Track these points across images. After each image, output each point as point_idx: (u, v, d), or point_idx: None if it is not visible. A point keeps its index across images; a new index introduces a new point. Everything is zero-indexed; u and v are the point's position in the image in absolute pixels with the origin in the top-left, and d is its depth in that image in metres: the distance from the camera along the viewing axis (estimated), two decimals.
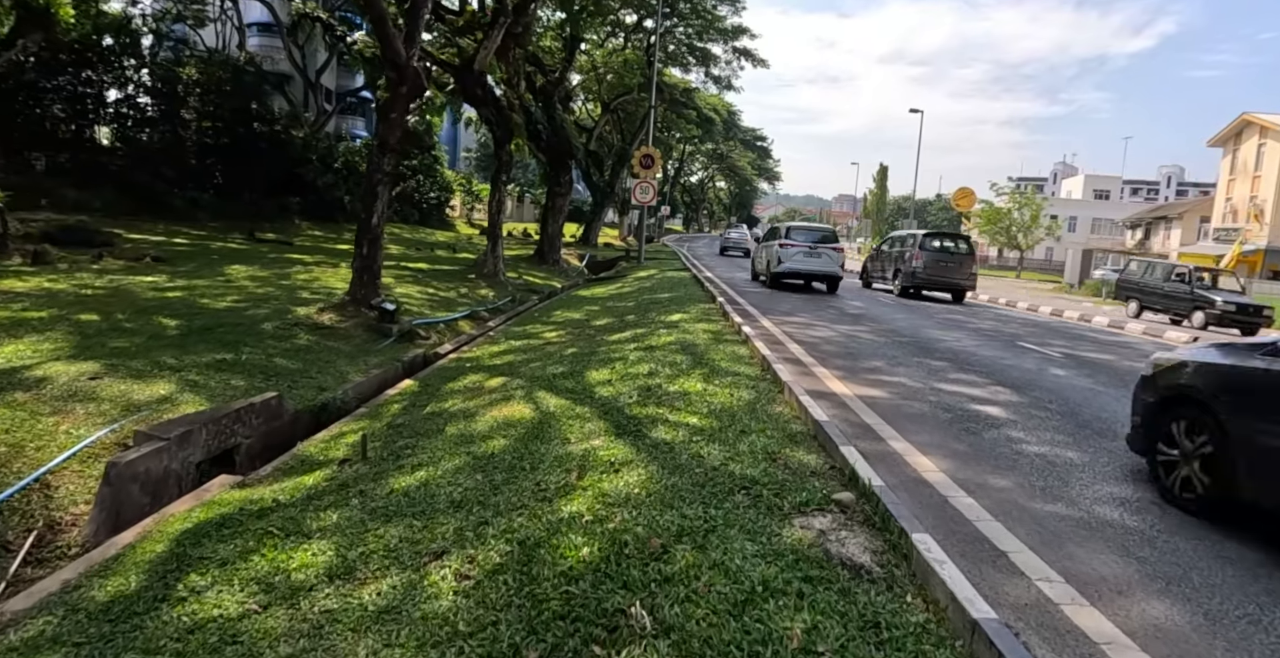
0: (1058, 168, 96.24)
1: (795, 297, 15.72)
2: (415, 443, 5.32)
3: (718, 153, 67.12)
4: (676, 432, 4.78)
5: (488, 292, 15.81)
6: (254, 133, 27.44)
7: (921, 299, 17.71)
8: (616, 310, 12.41)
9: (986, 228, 46.91)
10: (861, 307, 14.54)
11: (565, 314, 12.97)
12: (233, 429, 6.07)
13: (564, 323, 11.83)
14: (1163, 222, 45.94)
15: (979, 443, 5.02)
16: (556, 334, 10.59)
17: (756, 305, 12.89)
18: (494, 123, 15.75)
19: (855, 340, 9.53)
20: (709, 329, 9.29)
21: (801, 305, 13.73)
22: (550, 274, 21.91)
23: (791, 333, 9.69)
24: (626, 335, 9.36)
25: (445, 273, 17.58)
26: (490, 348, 10.10)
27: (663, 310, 11.53)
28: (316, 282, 13.98)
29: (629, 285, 17.75)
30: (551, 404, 5.86)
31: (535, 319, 12.94)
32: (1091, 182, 59.60)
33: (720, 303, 11.85)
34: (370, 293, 10.70)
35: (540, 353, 9.06)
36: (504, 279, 17.47)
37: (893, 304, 15.95)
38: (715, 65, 35.17)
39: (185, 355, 7.96)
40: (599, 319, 11.67)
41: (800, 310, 12.77)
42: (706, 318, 10.44)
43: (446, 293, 14.75)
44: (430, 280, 15.81)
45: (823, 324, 11.01)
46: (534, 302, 16.25)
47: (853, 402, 5.87)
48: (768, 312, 11.99)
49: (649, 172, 22.13)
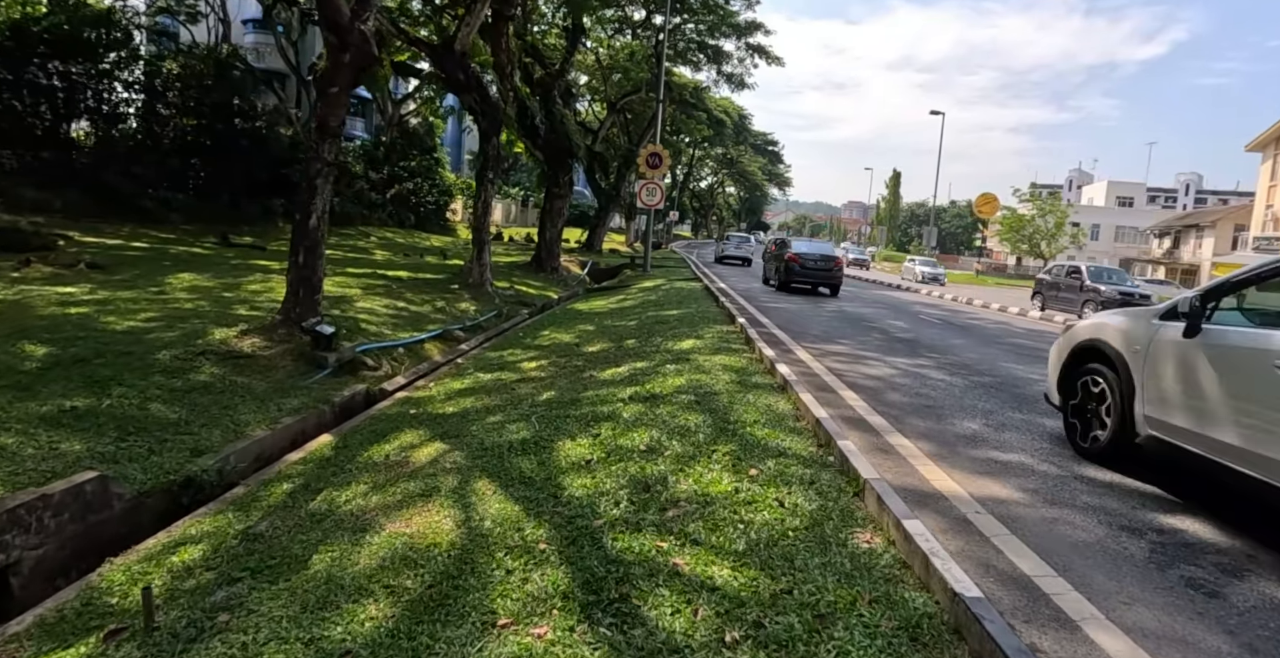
0: (1073, 174, 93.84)
1: (826, 313, 13.46)
2: (243, 598, 3.06)
3: (727, 157, 64.91)
4: (693, 613, 2.53)
5: (469, 305, 13.60)
6: (235, 130, 25.36)
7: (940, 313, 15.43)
8: (614, 332, 10.16)
9: (1008, 235, 44.53)
10: (908, 330, 12.24)
11: (554, 335, 10.73)
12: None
13: (549, 348, 9.59)
14: (1194, 230, 43.39)
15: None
16: (536, 365, 8.35)
17: (784, 326, 10.62)
18: (479, 113, 13.59)
19: (925, 383, 7.24)
20: (731, 365, 7.02)
21: (839, 327, 11.45)
22: (547, 283, 19.70)
23: (840, 371, 7.40)
24: (623, 372, 7.11)
25: (426, 282, 15.38)
26: (450, 384, 7.86)
27: (670, 334, 9.28)
28: (266, 294, 11.78)
29: (632, 298, 15.52)
30: (490, 514, 3.60)
31: (518, 341, 10.71)
32: (1115, 188, 56.91)
33: (741, 325, 9.58)
34: (308, 311, 8.50)
35: (507, 396, 6.82)
36: (491, 290, 15.26)
37: (940, 324, 13.65)
38: (727, 62, 32.99)
39: (22, 401, 5.77)
40: (592, 344, 9.42)
41: (839, 334, 10.48)
42: (726, 346, 8.19)
43: (420, 307, 12.54)
44: (405, 291, 13.62)
45: (873, 356, 8.71)
46: (523, 317, 14.02)
47: (977, 515, 3.58)
48: (800, 336, 9.71)
49: (656, 172, 19.91)
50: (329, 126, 8.40)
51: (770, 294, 17.33)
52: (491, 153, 14.11)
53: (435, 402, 7.01)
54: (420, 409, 6.73)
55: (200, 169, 25.51)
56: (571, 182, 20.13)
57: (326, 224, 8.74)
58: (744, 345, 8.33)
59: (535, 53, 20.98)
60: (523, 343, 10.32)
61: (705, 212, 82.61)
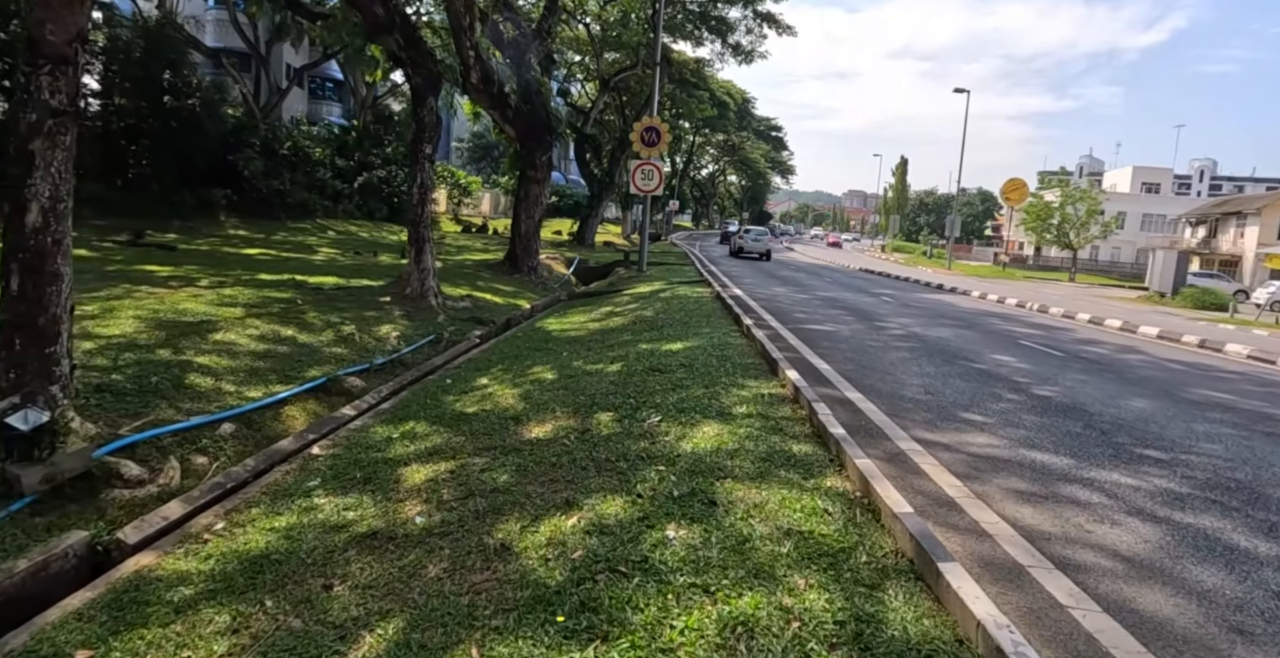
0: (1084, 161, 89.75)
1: (897, 344, 9.56)
2: None
3: (729, 144, 60.62)
4: None
5: (396, 327, 9.68)
6: (164, 108, 21.29)
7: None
8: (583, 390, 6.22)
9: (1034, 224, 40.43)
10: (1046, 380, 8.31)
11: (492, 389, 6.79)
12: None
13: (472, 422, 5.65)
14: (1234, 218, 39.25)
15: None
16: (424, 479, 4.43)
17: (857, 377, 6.69)
18: (406, 63, 9.65)
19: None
20: (814, 538, 3.11)
21: (941, 377, 7.53)
22: (521, 287, 15.74)
23: (1067, 557, 3.47)
24: (574, 537, 3.21)
25: (351, 294, 11.46)
26: (248, 534, 3.95)
27: (674, 402, 5.35)
28: (88, 328, 7.85)
29: (621, 312, 11.61)
30: None
31: (436, 399, 6.77)
32: (1140, 174, 52.49)
33: (792, 383, 5.65)
34: (27, 377, 4.60)
35: (314, 612, 2.90)
36: (436, 302, 11.34)
37: (1078, 365, 9.70)
38: (733, 34, 28.82)
39: None
40: (542, 417, 5.50)
41: (959, 399, 6.51)
42: (779, 449, 4.27)
43: (317, 336, 8.63)
44: (311, 310, 9.70)
45: (1066, 469, 4.78)
46: (471, 342, 10.10)
47: None
48: (897, 405, 5.77)
49: (653, 150, 15.90)
50: (46, 43, 4.46)
51: (801, 304, 13.42)
52: (427, 119, 10.13)
53: (205, 577, 3.13)
54: (147, 608, 2.84)
55: (130, 156, 21.50)
56: (550, 163, 16.10)
57: (65, 221, 4.80)
58: (812, 442, 4.40)
59: (508, 8, 16.91)
60: (440, 405, 6.39)
61: (706, 201, 78.29)
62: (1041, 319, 14.69)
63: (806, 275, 22.33)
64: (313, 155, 26.46)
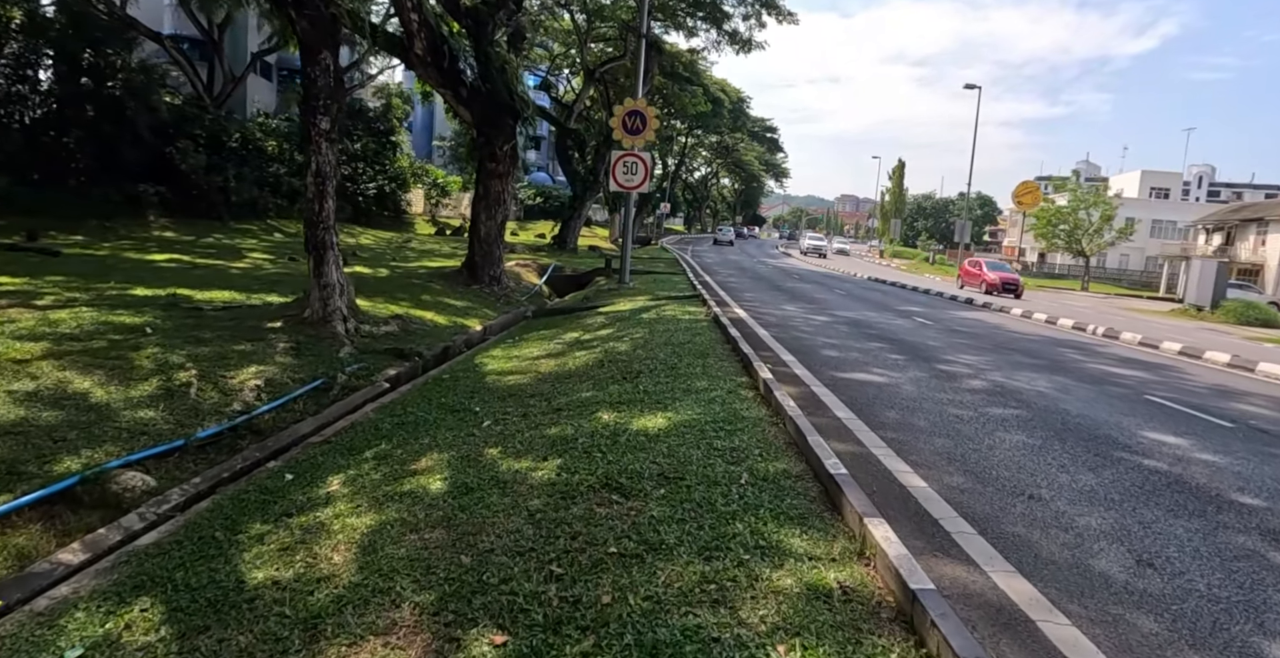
0: (1080, 166, 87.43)
1: (992, 424, 6.75)
2: None
3: (723, 145, 57.85)
4: None
5: (262, 371, 6.78)
6: (80, 93, 18.31)
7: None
8: (479, 530, 3.37)
9: (1044, 230, 37.84)
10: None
11: (330, 520, 3.90)
12: None
13: (249, 616, 2.80)
14: (1255, 224, 36.72)
15: None
16: None
17: (983, 489, 3.90)
18: (286, 1, 6.78)
19: None
20: None
21: (1221, 553, 4.72)
22: (476, 301, 12.85)
23: None
24: None
25: (235, 318, 8.55)
26: None
27: (642, 607, 2.54)
28: None
29: (588, 342, 8.75)
30: None
31: (237, 522, 3.90)
32: (1149, 178, 49.82)
33: (883, 554, 2.82)
34: None
35: None
36: (345, 329, 8.45)
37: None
38: (729, 21, 26.09)
39: None
40: (373, 614, 2.65)
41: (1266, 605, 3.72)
42: None
43: (135, 387, 5.75)
44: (158, 344, 6.81)
45: None
46: (378, 387, 7.22)
47: None
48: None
49: (638, 139, 13.04)
50: None
51: (824, 332, 10.62)
52: (320, 80, 7.27)
53: None
54: None
55: (40, 148, 18.49)
56: (515, 154, 13.23)
57: None
58: None
59: None
60: (217, 558, 3.52)
61: (699, 204, 75.45)
62: (1125, 351, 11.58)
63: (815, 287, 19.48)
64: (266, 149, 23.50)
